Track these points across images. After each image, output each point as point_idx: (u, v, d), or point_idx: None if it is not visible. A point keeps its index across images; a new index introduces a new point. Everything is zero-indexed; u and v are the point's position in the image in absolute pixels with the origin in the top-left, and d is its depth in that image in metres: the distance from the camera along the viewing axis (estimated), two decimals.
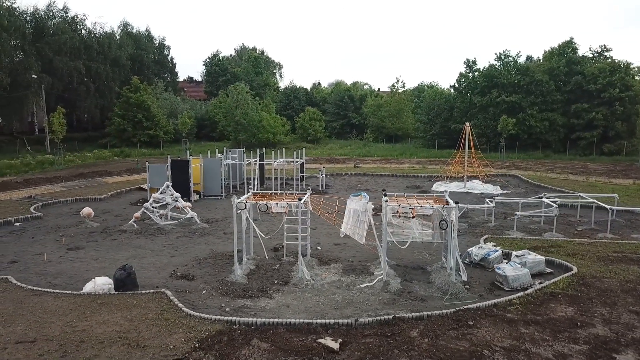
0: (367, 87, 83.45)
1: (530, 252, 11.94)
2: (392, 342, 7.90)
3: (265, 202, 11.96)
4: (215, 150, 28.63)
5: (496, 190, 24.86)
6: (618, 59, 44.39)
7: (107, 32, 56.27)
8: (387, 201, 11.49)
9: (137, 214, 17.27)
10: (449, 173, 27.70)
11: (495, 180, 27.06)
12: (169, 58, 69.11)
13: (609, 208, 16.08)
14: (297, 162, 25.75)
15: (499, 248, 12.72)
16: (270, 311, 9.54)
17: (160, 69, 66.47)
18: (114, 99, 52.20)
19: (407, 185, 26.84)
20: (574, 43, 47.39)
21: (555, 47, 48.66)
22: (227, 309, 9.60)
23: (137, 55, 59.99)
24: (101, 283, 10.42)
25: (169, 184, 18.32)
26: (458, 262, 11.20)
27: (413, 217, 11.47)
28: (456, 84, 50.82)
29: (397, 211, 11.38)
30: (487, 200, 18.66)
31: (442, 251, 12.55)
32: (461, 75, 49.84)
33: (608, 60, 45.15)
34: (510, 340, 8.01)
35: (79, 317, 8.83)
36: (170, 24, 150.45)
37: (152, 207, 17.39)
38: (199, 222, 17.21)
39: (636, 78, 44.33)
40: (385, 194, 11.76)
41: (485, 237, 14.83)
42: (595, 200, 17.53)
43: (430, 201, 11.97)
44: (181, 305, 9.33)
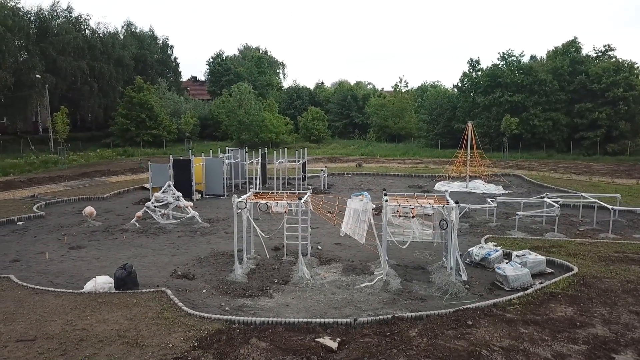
0: (370, 86, 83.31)
1: (531, 252, 11.91)
2: (390, 341, 7.91)
3: (265, 202, 11.99)
4: (217, 150, 28.68)
5: (498, 190, 24.82)
6: (622, 59, 44.36)
7: (110, 32, 56.47)
8: (387, 201, 11.49)
9: (139, 213, 17.32)
10: (451, 173, 27.66)
11: (498, 180, 27.01)
12: (172, 58, 69.13)
13: (611, 208, 16.04)
14: (299, 161, 25.79)
15: (499, 248, 12.70)
16: (269, 310, 9.57)
17: (163, 68, 66.52)
18: (118, 98, 52.33)
19: (410, 185, 26.84)
20: (578, 42, 47.36)
21: (559, 47, 48.56)
22: (227, 308, 9.63)
23: (141, 55, 60.13)
24: (102, 282, 10.47)
25: (171, 183, 18.39)
26: (458, 262, 11.19)
27: (413, 216, 11.47)
28: (459, 84, 50.72)
29: (397, 211, 11.39)
30: (489, 200, 18.62)
31: (442, 251, 12.55)
32: (464, 74, 49.73)
33: (612, 59, 44.97)
34: (509, 340, 8.00)
35: (79, 316, 8.88)
36: (173, 23, 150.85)
37: (154, 206, 17.47)
38: (200, 221, 17.26)
39: None
40: (386, 194, 11.76)
41: (486, 237, 14.81)
42: (597, 200, 17.48)
43: (430, 201, 11.97)
44: (181, 304, 9.36)
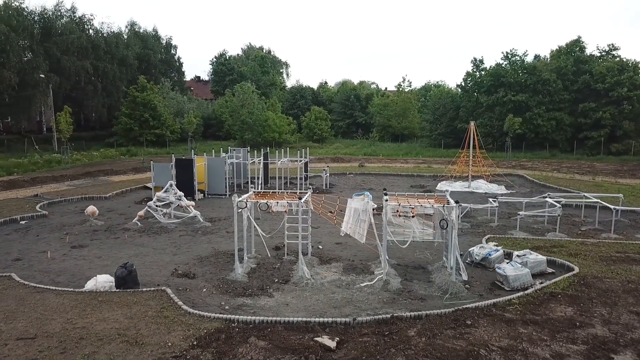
0: (373, 86, 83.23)
1: (532, 252, 11.88)
2: (389, 341, 7.91)
3: (265, 201, 12.01)
4: (220, 150, 28.74)
5: (501, 190, 24.77)
6: (626, 58, 44.04)
7: (114, 31, 56.80)
8: (387, 200, 11.49)
9: (141, 213, 17.38)
10: (453, 172, 27.62)
11: (500, 180, 26.94)
12: (175, 57, 69.37)
13: (613, 208, 15.98)
14: (301, 161, 25.80)
15: (500, 248, 12.68)
16: (269, 309, 9.58)
17: (167, 68, 66.75)
18: (121, 98, 52.56)
19: (412, 184, 26.83)
20: (582, 42, 47.07)
21: (562, 46, 48.30)
22: (227, 307, 9.65)
23: (144, 54, 60.33)
24: (102, 281, 10.52)
25: (172, 182, 18.44)
26: (458, 262, 11.18)
27: (413, 216, 11.47)
28: (463, 83, 50.58)
29: (397, 210, 11.38)
30: (491, 199, 18.59)
31: (443, 251, 12.54)
32: (468, 74, 49.59)
33: (616, 59, 44.68)
34: (508, 340, 7.99)
35: (79, 314, 8.93)
36: (177, 23, 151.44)
37: (156, 205, 17.52)
38: (202, 220, 17.30)
39: None
40: (386, 193, 11.77)
41: (487, 236, 14.79)
42: (599, 200, 17.42)
43: (430, 201, 11.96)
44: (181, 303, 9.40)
